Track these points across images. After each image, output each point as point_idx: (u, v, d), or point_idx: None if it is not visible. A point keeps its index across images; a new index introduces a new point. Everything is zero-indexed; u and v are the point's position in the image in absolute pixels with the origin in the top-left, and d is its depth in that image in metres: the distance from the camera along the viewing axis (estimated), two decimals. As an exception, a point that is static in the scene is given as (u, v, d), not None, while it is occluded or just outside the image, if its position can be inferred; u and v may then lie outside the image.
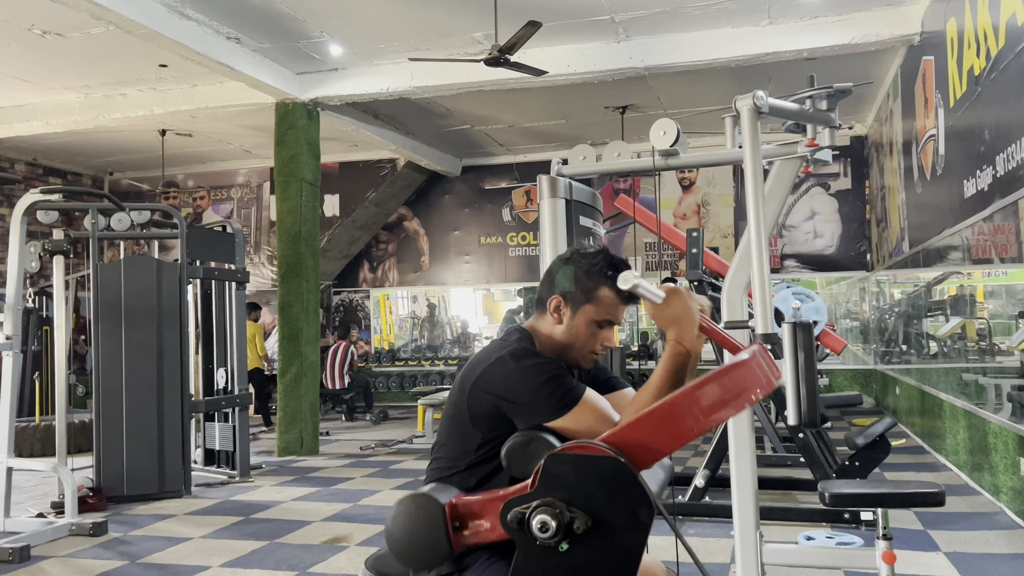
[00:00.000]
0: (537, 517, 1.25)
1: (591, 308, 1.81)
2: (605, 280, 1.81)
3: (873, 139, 10.19)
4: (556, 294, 1.85)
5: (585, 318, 1.81)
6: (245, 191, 12.64)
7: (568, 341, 1.83)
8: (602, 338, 1.83)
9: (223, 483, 6.36)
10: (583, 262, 1.84)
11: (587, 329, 1.82)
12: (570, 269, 1.85)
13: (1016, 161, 4.27)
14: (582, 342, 1.83)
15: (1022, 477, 4.40)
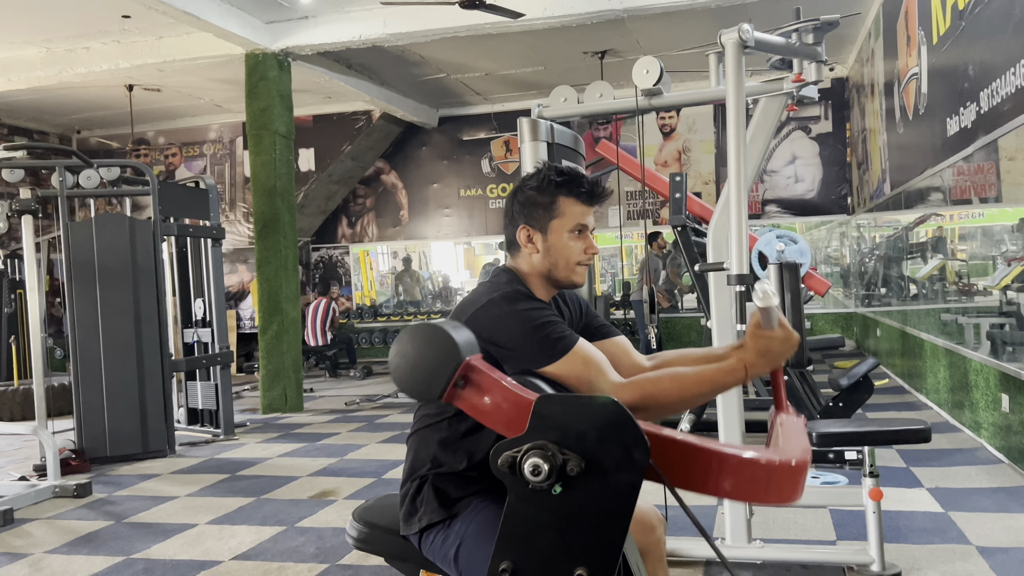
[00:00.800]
0: (529, 460, 1.21)
1: (558, 222, 1.78)
2: (558, 189, 1.78)
3: (854, 81, 10.10)
4: (521, 224, 1.81)
5: (558, 234, 1.78)
6: (218, 147, 12.39)
7: (551, 263, 1.79)
8: (582, 247, 1.79)
9: (207, 441, 6.33)
10: (531, 182, 1.82)
11: (564, 243, 1.78)
12: (522, 195, 1.82)
13: (1001, 96, 4.22)
14: (564, 257, 1.78)
15: (1003, 413, 4.45)
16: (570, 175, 1.78)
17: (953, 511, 3.66)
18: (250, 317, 12.03)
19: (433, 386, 1.32)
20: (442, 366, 1.32)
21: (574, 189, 1.77)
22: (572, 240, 1.77)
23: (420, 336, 1.35)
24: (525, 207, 1.80)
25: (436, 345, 1.33)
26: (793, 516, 3.68)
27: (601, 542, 1.23)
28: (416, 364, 1.33)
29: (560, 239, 1.77)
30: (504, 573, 1.26)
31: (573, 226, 1.77)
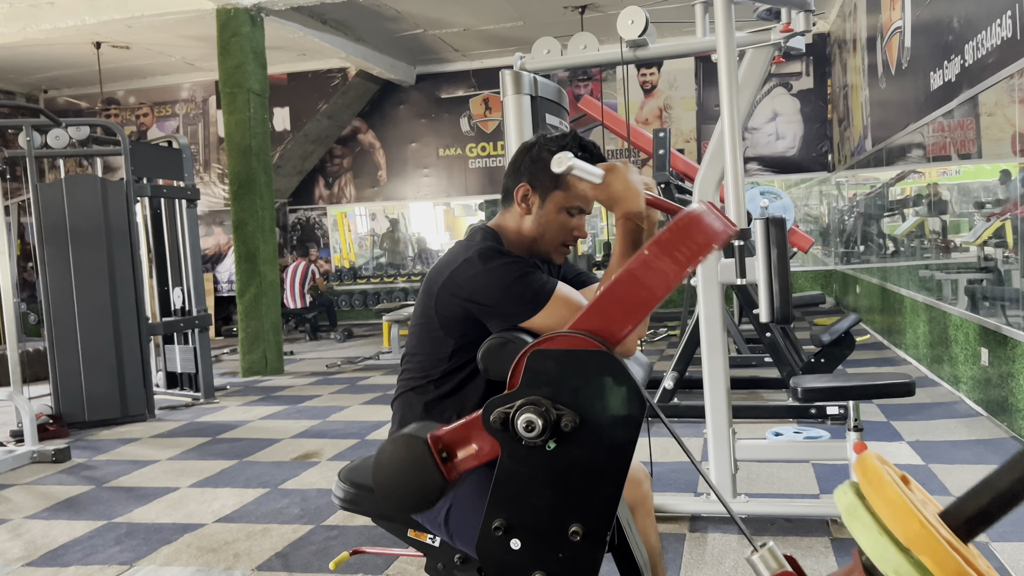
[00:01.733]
0: (522, 416, 1.17)
1: (560, 194, 1.69)
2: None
3: (836, 36, 10.03)
4: (523, 182, 1.72)
5: (555, 205, 1.69)
6: (190, 107, 12.12)
7: (538, 232, 1.71)
8: (573, 227, 1.72)
9: (187, 405, 6.27)
10: (550, 144, 1.70)
11: (557, 217, 1.70)
12: (536, 153, 1.71)
13: (986, 48, 4.18)
14: (553, 232, 1.71)
15: (982, 367, 4.49)
16: (591, 153, 1.70)
17: (933, 463, 3.70)
18: (228, 280, 11.90)
19: (432, 484, 1.28)
20: (421, 465, 1.28)
21: None
22: (566, 218, 1.70)
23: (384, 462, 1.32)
24: (535, 165, 1.71)
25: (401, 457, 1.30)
26: (777, 471, 3.71)
27: (596, 498, 1.20)
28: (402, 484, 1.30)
29: (555, 212, 1.70)
30: (497, 531, 1.23)
31: (573, 205, 1.70)
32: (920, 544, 0.87)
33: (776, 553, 1.08)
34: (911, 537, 0.88)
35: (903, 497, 0.91)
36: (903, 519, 0.89)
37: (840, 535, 2.91)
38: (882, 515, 0.92)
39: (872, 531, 0.92)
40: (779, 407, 4.66)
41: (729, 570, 2.67)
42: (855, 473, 0.99)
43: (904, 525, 0.88)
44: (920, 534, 0.87)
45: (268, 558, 3.00)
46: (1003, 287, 4.79)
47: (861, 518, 0.94)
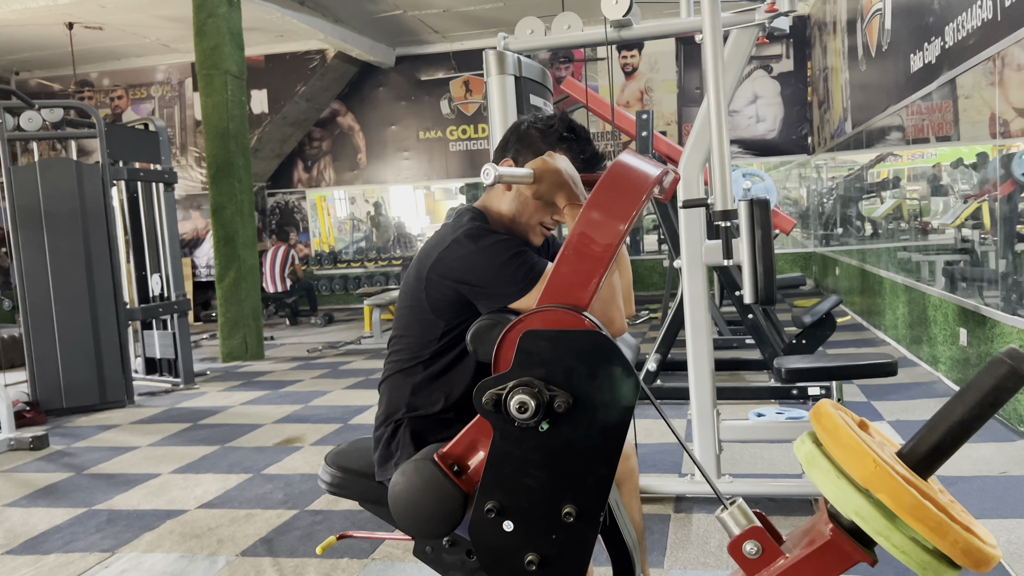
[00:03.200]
0: (515, 398, 1.15)
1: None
2: (560, 142, 1.67)
3: (816, 18, 10.04)
4: (507, 157, 1.72)
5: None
6: (166, 89, 11.94)
7: (516, 211, 1.69)
8: (553, 210, 1.68)
9: (167, 391, 6.21)
10: (538, 124, 1.70)
11: (542, 204, 1.66)
12: (524, 131, 1.71)
13: (966, 30, 4.19)
14: (530, 212, 1.68)
15: (961, 347, 4.54)
16: (578, 135, 1.68)
17: (914, 442, 3.73)
18: (206, 265, 11.78)
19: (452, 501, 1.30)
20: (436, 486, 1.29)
21: (575, 150, 1.67)
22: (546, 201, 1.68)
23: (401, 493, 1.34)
24: (521, 142, 1.70)
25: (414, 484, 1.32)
26: (760, 451, 3.74)
27: (590, 479, 1.19)
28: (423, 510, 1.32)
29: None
30: (490, 513, 1.22)
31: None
32: (876, 482, 0.88)
33: (745, 509, 1.09)
34: (867, 476, 0.88)
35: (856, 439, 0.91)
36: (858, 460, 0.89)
37: (823, 514, 2.93)
38: (838, 459, 0.92)
39: (830, 476, 0.93)
40: (761, 388, 4.69)
41: (715, 549, 2.68)
42: (811, 421, 0.99)
43: (859, 466, 0.89)
44: (875, 473, 0.88)
45: (252, 543, 2.98)
46: (981, 268, 4.85)
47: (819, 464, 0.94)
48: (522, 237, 1.71)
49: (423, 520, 1.31)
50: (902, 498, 0.88)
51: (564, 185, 1.52)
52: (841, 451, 0.94)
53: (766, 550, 1.06)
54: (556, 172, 1.52)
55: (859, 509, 0.91)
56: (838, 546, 0.98)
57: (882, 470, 0.90)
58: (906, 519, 0.89)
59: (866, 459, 0.90)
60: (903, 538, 0.91)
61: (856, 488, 0.92)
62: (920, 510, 0.87)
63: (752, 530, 1.07)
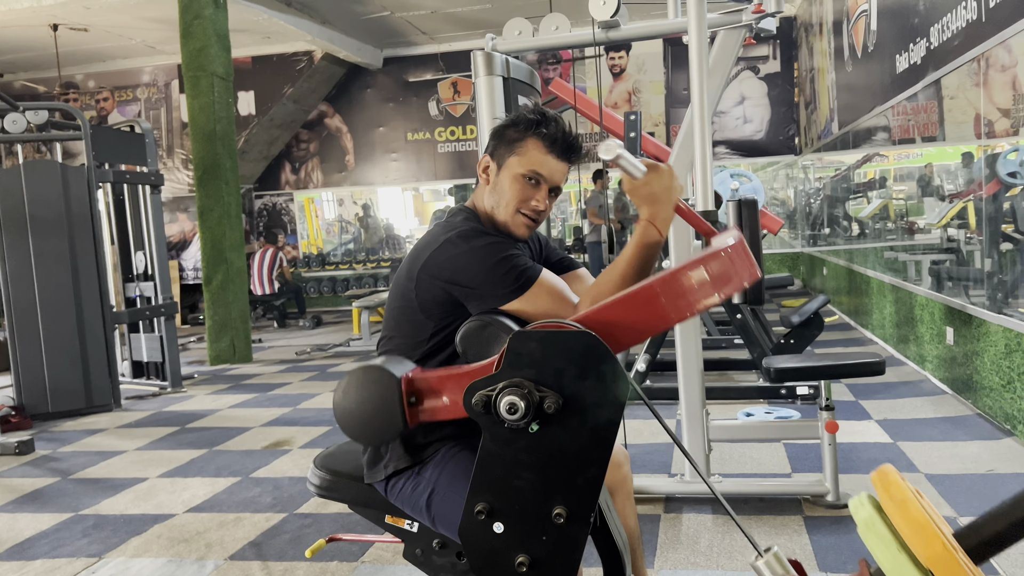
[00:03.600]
0: (505, 399, 1.15)
1: (515, 159, 1.65)
2: (531, 129, 1.65)
3: (802, 20, 10.09)
4: (486, 154, 1.72)
5: (510, 173, 1.65)
6: (152, 91, 11.87)
7: (494, 202, 1.67)
8: (530, 197, 1.65)
9: (154, 395, 6.17)
10: (510, 116, 1.71)
11: (511, 186, 1.65)
12: (499, 126, 1.71)
13: (951, 31, 4.22)
14: (507, 199, 1.65)
15: (948, 345, 4.57)
16: (545, 117, 1.66)
17: (902, 441, 3.76)
18: (193, 268, 11.72)
19: (391, 422, 1.26)
20: (386, 400, 1.26)
21: (543, 132, 1.64)
22: (521, 185, 1.65)
23: (352, 386, 1.30)
24: (495, 137, 1.70)
25: (368, 386, 1.28)
26: (749, 451, 3.75)
27: (580, 480, 1.19)
28: (364, 414, 1.28)
29: (510, 180, 1.65)
30: (480, 515, 1.21)
31: (528, 170, 1.64)
32: (941, 566, 0.87)
33: (781, 558, 1.07)
34: (932, 558, 0.88)
35: (926, 516, 0.91)
36: (925, 539, 0.89)
37: (812, 513, 2.94)
38: (903, 532, 0.91)
39: (891, 547, 0.91)
40: (750, 388, 4.71)
41: (704, 549, 2.68)
42: (874, 485, 0.98)
43: (926, 545, 0.88)
44: (942, 556, 0.87)
45: (241, 547, 2.96)
46: (967, 267, 4.88)
47: (879, 533, 0.93)
48: (504, 229, 1.69)
49: (354, 421, 1.28)
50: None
51: (661, 202, 1.50)
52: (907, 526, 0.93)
53: None
54: (665, 187, 1.50)
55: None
56: None
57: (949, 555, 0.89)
58: None
59: (935, 540, 0.89)
60: None
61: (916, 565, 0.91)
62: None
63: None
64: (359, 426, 1.29)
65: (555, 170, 1.67)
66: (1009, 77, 3.96)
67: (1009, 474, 3.21)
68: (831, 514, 2.92)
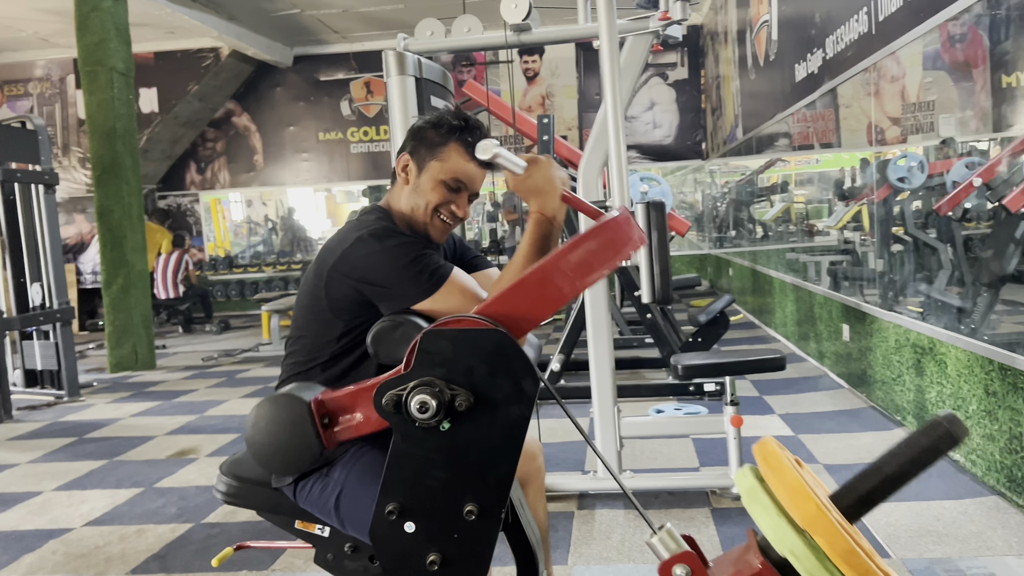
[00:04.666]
0: (416, 398, 1.15)
1: (436, 165, 1.66)
2: (453, 134, 1.66)
3: (708, 28, 10.41)
4: (404, 152, 1.71)
5: (430, 176, 1.66)
6: (46, 86, 11.30)
7: (413, 204, 1.68)
8: (451, 202, 1.67)
9: (50, 404, 5.87)
10: (431, 118, 1.70)
11: (432, 189, 1.66)
12: (418, 127, 1.71)
13: (845, 42, 4.43)
14: (426, 202, 1.66)
15: (844, 342, 4.79)
16: (469, 124, 1.68)
17: (802, 434, 3.92)
18: (92, 271, 11.21)
19: (307, 447, 1.26)
20: (299, 427, 1.25)
21: (466, 139, 1.65)
22: (442, 190, 1.66)
23: (262, 418, 1.29)
24: (415, 138, 1.70)
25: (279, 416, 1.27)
26: (659, 447, 3.84)
27: (491, 477, 1.19)
28: (279, 444, 1.27)
29: (431, 184, 1.66)
30: (391, 515, 1.21)
31: (450, 176, 1.65)
32: (815, 526, 0.93)
33: (674, 534, 1.10)
34: (807, 519, 0.93)
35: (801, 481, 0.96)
36: (801, 502, 0.94)
37: (719, 505, 3.04)
38: (781, 498, 0.96)
39: (770, 512, 0.96)
40: (660, 385, 4.80)
41: (617, 544, 2.74)
42: (755, 457, 1.03)
43: (801, 508, 0.94)
44: (816, 516, 0.92)
45: (144, 560, 2.85)
46: (861, 267, 5.13)
47: (760, 500, 0.98)
48: (422, 232, 1.70)
49: (270, 453, 1.28)
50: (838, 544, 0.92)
51: (544, 191, 1.52)
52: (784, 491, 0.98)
53: (695, 574, 1.08)
54: (547, 177, 1.52)
55: (794, 548, 0.94)
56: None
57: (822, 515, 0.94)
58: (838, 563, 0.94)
59: (808, 502, 0.94)
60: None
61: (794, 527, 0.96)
62: (853, 556, 0.92)
63: (683, 555, 1.09)
64: (275, 457, 1.28)
65: (475, 176, 1.70)
66: (898, 88, 4.20)
67: (900, 462, 3.38)
68: (737, 505, 3.02)
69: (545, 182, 1.52)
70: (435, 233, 1.70)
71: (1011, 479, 2.85)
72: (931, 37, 3.66)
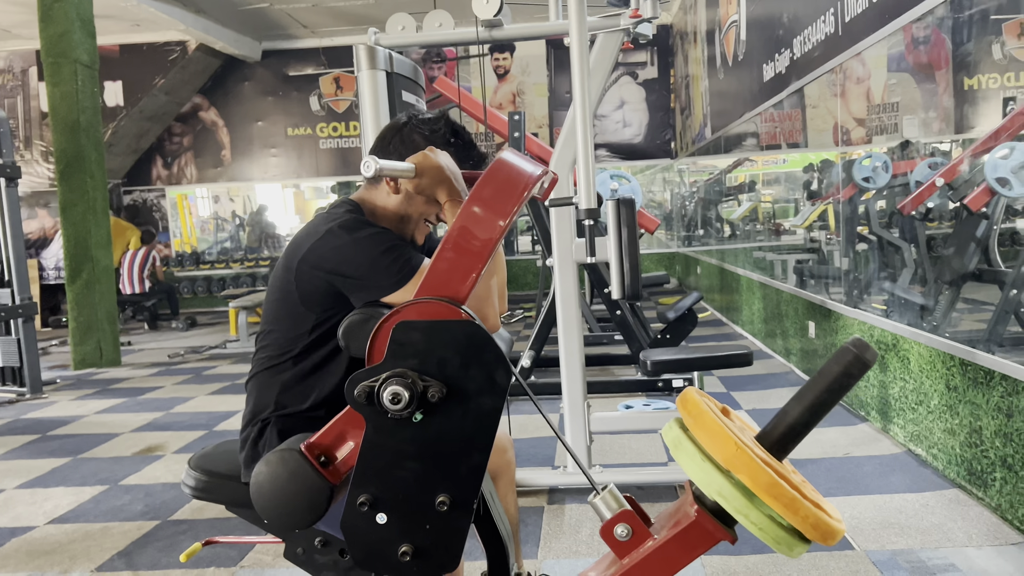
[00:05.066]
0: (388, 389, 1.15)
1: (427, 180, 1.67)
2: (447, 148, 1.68)
3: (678, 28, 10.49)
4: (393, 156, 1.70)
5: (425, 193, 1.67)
6: (7, 77, 11.07)
7: (403, 212, 1.69)
8: (438, 207, 1.68)
9: (11, 402, 5.76)
10: (423, 128, 1.70)
11: (426, 203, 1.68)
12: (409, 133, 1.70)
13: (812, 43, 4.50)
14: (419, 213, 1.69)
15: (809, 338, 4.87)
16: (465, 142, 1.71)
17: (769, 429, 3.97)
18: (55, 267, 11.00)
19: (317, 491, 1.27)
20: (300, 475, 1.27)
21: (461, 155, 1.68)
22: (437, 205, 1.67)
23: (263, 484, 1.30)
24: (406, 145, 1.70)
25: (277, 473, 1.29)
26: (628, 442, 3.87)
27: (464, 468, 1.20)
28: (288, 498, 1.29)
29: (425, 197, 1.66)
30: (363, 507, 1.21)
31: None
32: (736, 464, 0.95)
33: (616, 494, 1.13)
34: (728, 458, 0.95)
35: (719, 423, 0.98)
36: (720, 443, 0.96)
37: (687, 499, 3.07)
38: (703, 442, 0.99)
39: (695, 459, 0.99)
40: (629, 381, 4.86)
41: (587, 538, 2.76)
42: (678, 409, 1.05)
43: (721, 449, 0.96)
44: (736, 455, 0.95)
45: (109, 558, 2.81)
46: (826, 266, 5.21)
47: (685, 448, 1.01)
48: (409, 236, 1.71)
49: (287, 512, 1.28)
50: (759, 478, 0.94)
51: (445, 180, 1.54)
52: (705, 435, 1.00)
53: (636, 532, 1.10)
54: (438, 168, 1.53)
55: (721, 489, 0.96)
56: (702, 525, 1.04)
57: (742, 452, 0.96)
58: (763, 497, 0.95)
59: (728, 442, 0.96)
60: (760, 515, 0.97)
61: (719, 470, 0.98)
62: (775, 488, 0.93)
63: (623, 513, 1.11)
64: (290, 510, 1.29)
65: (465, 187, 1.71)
66: (864, 89, 4.27)
67: (864, 456, 3.45)
68: (704, 499, 3.05)
69: (438, 170, 1.54)
70: (420, 237, 1.74)
71: (971, 472, 2.92)
72: (895, 39, 3.73)
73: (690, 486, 1.09)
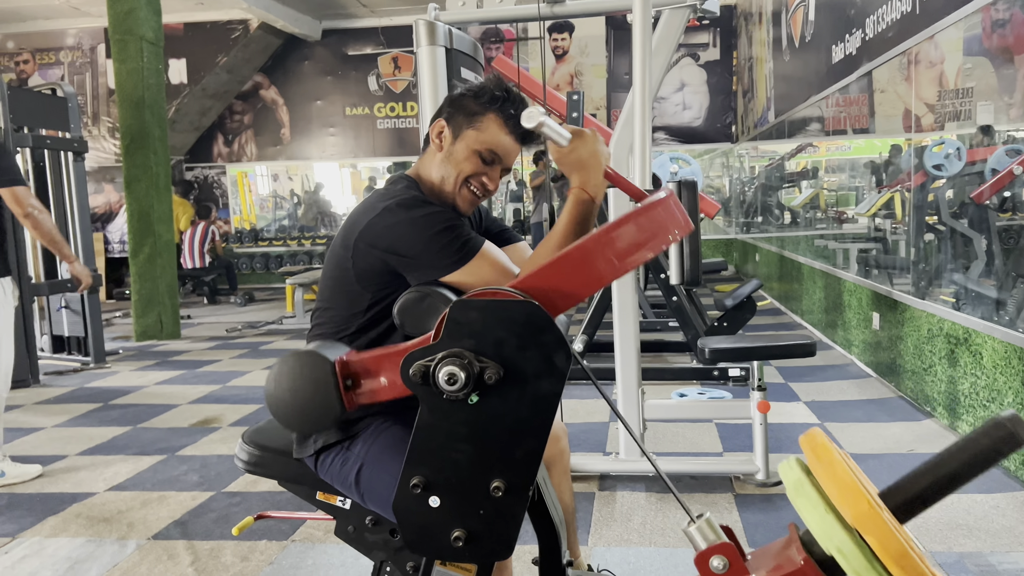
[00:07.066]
0: (444, 369, 1.11)
1: (473, 134, 1.61)
2: (493, 105, 1.61)
3: (742, 8, 10.22)
4: (440, 118, 1.66)
5: (466, 145, 1.61)
6: (77, 54, 11.36)
7: (444, 172, 1.63)
8: (483, 173, 1.63)
9: (76, 370, 5.93)
10: (472, 87, 1.65)
11: (467, 159, 1.61)
12: (458, 94, 1.66)
13: (886, 22, 4.31)
14: (458, 171, 1.62)
15: (873, 330, 4.71)
16: (511, 96, 1.62)
17: (828, 422, 3.86)
18: (119, 240, 11.31)
19: (328, 408, 1.22)
20: (321, 385, 1.22)
21: (507, 111, 1.61)
22: (476, 161, 1.61)
23: (284, 373, 1.25)
24: (453, 105, 1.65)
25: (301, 372, 1.24)
26: (682, 431, 3.79)
27: (519, 453, 1.16)
28: (299, 401, 1.24)
29: (466, 153, 1.61)
30: (416, 489, 1.18)
31: (485, 147, 1.60)
32: (867, 524, 0.88)
33: (713, 523, 1.06)
34: (858, 517, 0.88)
35: (852, 476, 0.91)
36: (852, 499, 0.89)
37: (743, 491, 3.00)
38: (830, 493, 0.92)
39: (819, 508, 0.92)
40: (684, 369, 4.77)
41: (638, 526, 2.71)
42: (802, 448, 0.98)
43: (853, 505, 0.89)
44: (868, 515, 0.88)
45: (165, 526, 2.86)
46: (893, 255, 5.03)
47: (807, 494, 0.94)
48: (449, 202, 1.65)
49: (290, 410, 1.25)
50: (891, 545, 0.88)
51: (587, 166, 1.46)
52: (834, 486, 0.93)
53: (733, 566, 1.04)
54: (592, 151, 1.46)
55: (842, 546, 0.90)
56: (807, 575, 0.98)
57: (875, 513, 0.89)
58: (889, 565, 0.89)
59: (860, 500, 0.90)
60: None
61: (843, 525, 0.91)
62: (905, 559, 0.87)
63: (721, 546, 1.04)
64: (294, 414, 1.25)
65: (511, 150, 1.65)
66: (936, 73, 4.08)
67: (929, 453, 3.31)
68: (761, 492, 2.98)
69: (589, 156, 1.46)
70: (463, 204, 1.65)
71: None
72: (973, 21, 3.55)
73: (795, 529, 1.02)
